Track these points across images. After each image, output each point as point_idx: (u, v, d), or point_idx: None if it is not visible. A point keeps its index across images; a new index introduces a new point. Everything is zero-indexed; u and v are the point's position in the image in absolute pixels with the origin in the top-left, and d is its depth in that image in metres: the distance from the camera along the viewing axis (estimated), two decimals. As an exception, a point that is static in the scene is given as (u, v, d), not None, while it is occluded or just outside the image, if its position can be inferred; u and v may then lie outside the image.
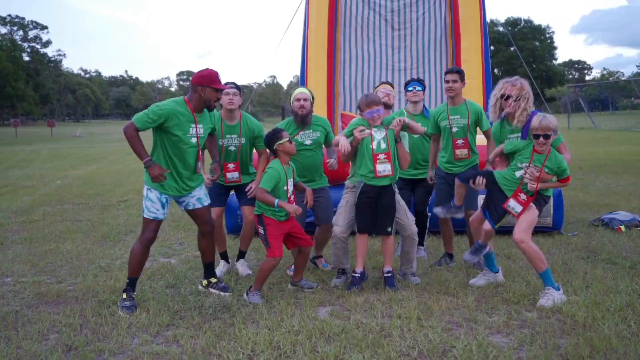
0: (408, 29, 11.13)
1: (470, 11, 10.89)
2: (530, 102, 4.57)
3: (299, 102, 5.37)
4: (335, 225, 5.06)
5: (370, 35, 11.09)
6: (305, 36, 10.78)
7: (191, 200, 4.67)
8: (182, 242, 6.88)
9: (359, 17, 11.02)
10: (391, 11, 11.11)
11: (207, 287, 4.83)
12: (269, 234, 4.64)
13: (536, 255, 4.40)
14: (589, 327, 3.86)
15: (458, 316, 4.16)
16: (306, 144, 5.40)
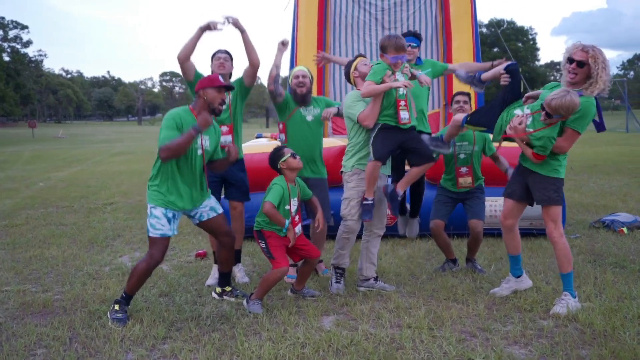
0: (399, 28, 10.97)
1: (461, 10, 10.75)
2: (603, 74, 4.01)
3: (298, 80, 5.17)
4: (348, 220, 4.72)
5: (361, 34, 10.91)
6: (294, 35, 10.57)
7: (204, 211, 4.39)
8: (173, 246, 6.61)
9: (348, 16, 10.84)
10: (381, 10, 10.94)
11: (221, 295, 4.63)
12: (271, 245, 4.43)
13: (566, 254, 4.22)
14: (609, 337, 3.67)
15: (470, 325, 3.95)
16: (308, 119, 5.20)
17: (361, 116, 4.52)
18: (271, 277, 4.38)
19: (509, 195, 4.48)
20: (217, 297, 4.63)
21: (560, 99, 3.92)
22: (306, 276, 4.71)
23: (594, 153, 18.89)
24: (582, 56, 3.99)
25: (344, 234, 4.77)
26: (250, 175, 6.73)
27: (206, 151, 4.29)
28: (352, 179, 4.69)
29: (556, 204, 4.23)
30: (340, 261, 4.85)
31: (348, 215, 4.72)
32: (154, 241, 4.20)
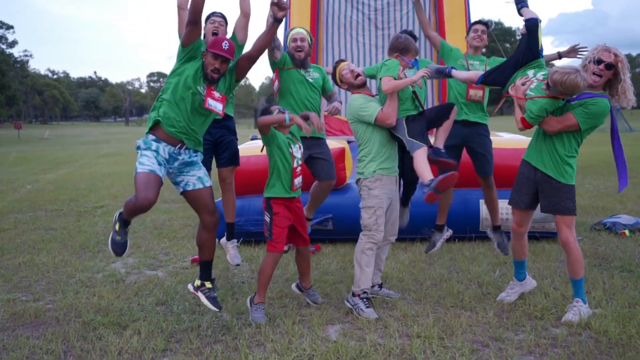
0: (392, 29, 10.88)
1: (455, 10, 10.67)
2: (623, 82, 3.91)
3: (296, 43, 5.01)
4: (373, 230, 4.31)
5: (354, 35, 10.81)
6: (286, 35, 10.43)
7: (190, 179, 4.10)
8: (168, 252, 6.43)
9: (341, 16, 10.73)
10: (374, 10, 10.84)
11: (197, 289, 4.14)
12: (275, 224, 4.25)
13: (580, 259, 4.10)
14: (626, 346, 3.56)
15: (481, 334, 3.82)
16: (308, 79, 5.05)
17: (382, 116, 4.26)
18: (266, 265, 4.25)
19: (518, 204, 4.32)
20: (192, 290, 4.16)
21: (563, 74, 3.75)
22: (307, 270, 4.56)
23: (587, 154, 18.88)
24: (611, 58, 3.86)
25: (367, 249, 4.34)
26: (246, 177, 6.59)
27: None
28: (376, 186, 4.32)
29: (572, 214, 4.10)
30: (366, 284, 4.34)
31: (373, 225, 4.31)
32: (140, 179, 3.83)
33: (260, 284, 4.24)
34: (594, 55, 3.90)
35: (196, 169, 4.15)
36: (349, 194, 6.64)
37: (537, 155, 4.15)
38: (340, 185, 6.60)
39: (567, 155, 4.02)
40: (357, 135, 4.44)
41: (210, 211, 4.12)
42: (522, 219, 4.37)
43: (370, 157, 4.35)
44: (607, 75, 3.88)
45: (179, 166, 4.07)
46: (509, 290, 4.54)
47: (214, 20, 5.02)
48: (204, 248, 4.19)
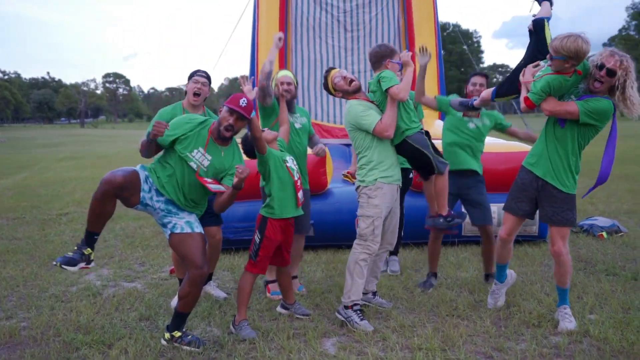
0: (361, 31, 10.84)
1: (424, 13, 10.72)
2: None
3: (283, 86, 4.82)
4: (369, 240, 4.18)
5: (323, 37, 10.71)
6: (254, 37, 10.26)
7: (179, 222, 3.81)
8: (143, 262, 6.17)
9: (310, 18, 10.62)
10: (343, 12, 10.77)
11: (169, 341, 3.79)
12: (264, 246, 4.09)
13: (569, 270, 4.05)
14: (628, 353, 3.53)
15: (483, 345, 3.75)
16: (296, 126, 4.87)
17: (381, 127, 4.12)
18: (244, 283, 4.11)
19: (515, 211, 4.21)
20: (166, 344, 3.81)
21: (562, 39, 3.62)
22: (289, 286, 4.42)
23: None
24: (614, 64, 3.68)
25: (361, 260, 4.19)
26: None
27: (202, 169, 3.80)
28: (376, 195, 4.17)
29: (570, 226, 4.06)
30: (357, 295, 4.19)
31: (370, 235, 4.18)
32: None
33: (240, 303, 4.09)
34: (598, 60, 3.75)
35: (186, 213, 3.90)
36: (330, 200, 6.52)
37: (538, 162, 4.05)
38: (321, 191, 6.47)
39: (573, 162, 3.93)
40: (356, 143, 4.29)
41: (196, 264, 3.68)
42: (514, 227, 4.27)
43: (371, 165, 4.21)
44: (608, 81, 3.73)
45: (167, 205, 3.84)
46: (494, 295, 4.48)
47: (197, 80, 4.74)
48: (184, 300, 3.77)
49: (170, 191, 3.81)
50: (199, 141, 3.83)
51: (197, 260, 3.69)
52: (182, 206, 3.86)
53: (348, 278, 4.23)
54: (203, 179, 3.78)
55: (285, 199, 4.12)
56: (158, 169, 3.85)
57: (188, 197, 3.86)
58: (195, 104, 4.72)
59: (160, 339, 3.88)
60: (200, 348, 3.73)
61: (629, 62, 3.71)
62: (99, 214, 3.68)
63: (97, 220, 3.72)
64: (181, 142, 3.80)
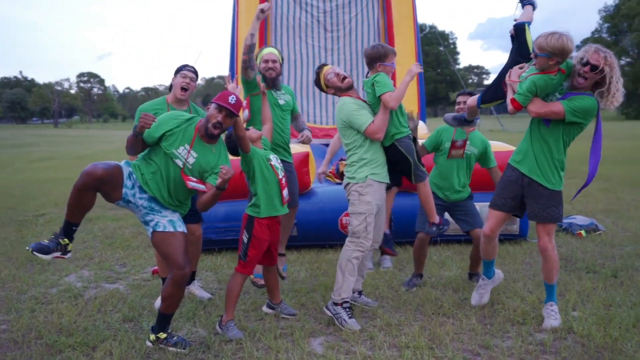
0: (341, 31, 10.88)
1: (403, 13, 10.78)
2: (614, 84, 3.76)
3: (267, 64, 4.80)
4: (362, 237, 4.17)
5: (303, 37, 10.72)
6: (234, 35, 10.21)
7: (162, 220, 3.74)
8: (124, 263, 6.09)
9: (290, 18, 10.62)
10: (323, 12, 10.80)
11: (155, 343, 3.76)
12: (253, 246, 4.05)
13: (556, 266, 4.10)
14: (612, 349, 3.58)
15: (469, 342, 3.77)
16: (280, 103, 4.86)
17: (373, 129, 4.13)
18: (233, 284, 4.05)
19: (500, 207, 4.24)
20: (151, 346, 3.76)
21: (546, 36, 3.67)
22: (275, 285, 4.40)
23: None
24: (598, 60, 3.71)
25: (354, 258, 4.19)
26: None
27: (187, 167, 3.75)
28: (367, 191, 4.17)
29: (557, 222, 4.11)
30: (347, 293, 4.20)
31: (363, 232, 4.16)
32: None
33: (229, 303, 4.04)
34: (582, 56, 3.77)
35: (169, 212, 3.84)
36: (313, 200, 6.51)
37: (524, 160, 4.09)
38: (304, 191, 6.46)
39: (557, 159, 3.98)
40: (347, 140, 4.28)
41: (178, 265, 3.61)
42: (497, 224, 4.29)
43: (362, 162, 4.20)
44: (592, 77, 3.76)
45: (150, 203, 3.78)
46: (480, 290, 4.49)
47: (186, 75, 4.67)
48: (167, 301, 3.72)
49: (154, 188, 3.75)
50: (185, 138, 3.78)
51: (179, 260, 3.63)
52: (166, 204, 3.81)
53: (339, 275, 4.21)
54: (187, 177, 3.74)
55: (271, 198, 4.10)
56: (142, 165, 3.79)
57: (173, 195, 3.81)
58: (182, 98, 4.66)
59: (145, 340, 3.83)
60: (186, 349, 3.69)
61: (613, 58, 3.75)
62: (78, 205, 3.61)
63: (75, 211, 3.65)
64: (167, 139, 3.75)
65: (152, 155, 3.81)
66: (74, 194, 3.55)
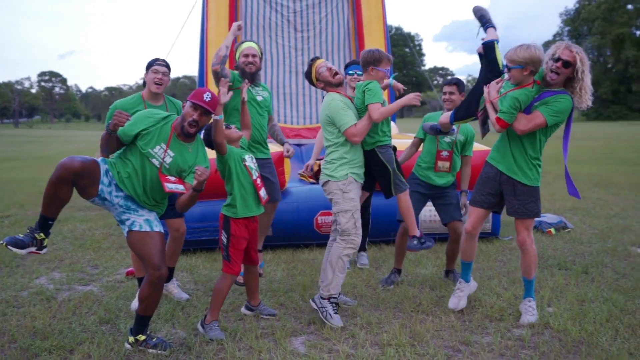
0: (311, 31, 10.86)
1: (373, 14, 10.83)
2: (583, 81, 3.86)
3: (247, 59, 4.76)
4: (352, 235, 4.19)
5: (273, 36, 10.67)
6: (203, 35, 10.11)
7: (138, 219, 3.67)
8: (96, 264, 5.97)
9: (260, 17, 10.57)
10: (294, 12, 10.77)
11: (134, 344, 3.70)
12: (233, 245, 4.01)
13: (535, 261, 4.17)
14: (588, 343, 3.67)
15: (449, 339, 3.81)
16: (257, 99, 4.82)
17: (354, 131, 4.14)
18: (222, 285, 4.00)
19: (480, 204, 4.29)
20: (130, 349, 3.69)
21: (515, 50, 3.78)
22: (255, 287, 4.36)
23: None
24: (570, 56, 3.82)
25: (345, 255, 4.20)
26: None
27: (164, 167, 3.69)
28: (350, 189, 4.20)
29: (536, 217, 4.19)
30: (336, 290, 4.22)
31: (353, 229, 4.18)
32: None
33: (215, 304, 3.99)
34: (554, 52, 3.85)
35: (146, 211, 3.77)
36: (289, 199, 6.49)
37: (502, 158, 4.15)
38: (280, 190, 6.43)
39: (534, 157, 4.05)
40: (330, 136, 4.27)
41: (154, 265, 3.55)
42: (479, 220, 4.35)
43: (343, 161, 4.21)
44: (565, 73, 3.85)
45: (126, 202, 3.71)
46: (458, 293, 4.47)
47: (157, 70, 4.57)
48: (144, 303, 3.65)
49: (130, 187, 3.68)
50: (162, 137, 3.71)
51: (155, 260, 3.57)
52: (142, 204, 3.74)
53: (329, 272, 4.22)
54: (165, 177, 3.68)
55: (246, 198, 4.07)
56: (119, 164, 3.71)
57: (149, 194, 3.74)
58: (156, 92, 4.60)
59: (123, 342, 3.76)
60: (167, 351, 3.64)
61: (583, 54, 3.85)
62: (53, 199, 3.49)
63: (51, 205, 3.53)
64: (143, 138, 3.67)
65: (128, 154, 3.74)
66: (50, 187, 3.45)
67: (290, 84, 10.28)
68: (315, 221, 6.43)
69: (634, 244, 6.47)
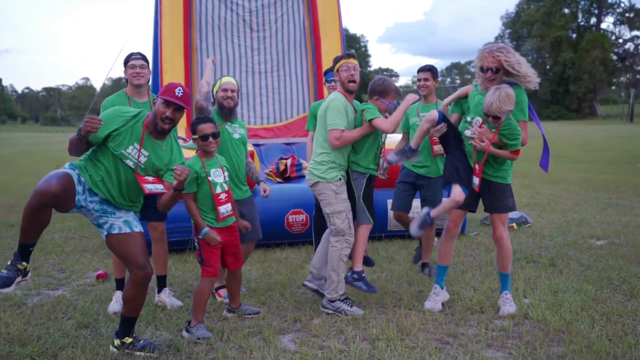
0: (267, 31, 10.82)
1: (328, 14, 10.87)
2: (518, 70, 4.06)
3: (226, 93, 4.68)
4: (347, 235, 4.29)
5: (229, 36, 10.58)
6: (157, 34, 9.92)
7: (117, 222, 3.55)
8: (61, 268, 5.78)
9: (215, 17, 10.46)
10: (249, 11, 10.71)
11: (121, 347, 3.60)
12: (204, 248, 3.95)
13: (510, 255, 4.32)
14: (569, 332, 3.81)
15: (436, 332, 3.89)
16: (235, 137, 4.77)
17: (337, 134, 4.23)
18: (203, 289, 3.95)
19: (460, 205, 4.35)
20: (116, 352, 3.59)
21: (497, 100, 3.90)
22: (237, 290, 4.32)
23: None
24: (493, 62, 4.03)
25: (344, 256, 4.31)
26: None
27: (139, 167, 3.57)
28: (342, 190, 4.32)
29: (512, 210, 4.34)
30: (343, 289, 4.33)
31: (347, 229, 4.28)
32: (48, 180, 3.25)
33: (197, 309, 3.93)
34: (480, 65, 4.07)
35: (123, 212, 3.65)
36: (257, 199, 6.43)
37: None
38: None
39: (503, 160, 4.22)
40: (320, 137, 4.33)
41: (139, 264, 3.48)
42: (459, 220, 4.46)
43: (332, 165, 4.31)
44: (499, 76, 4.07)
45: (102, 205, 3.58)
46: (434, 297, 4.45)
47: (134, 65, 4.47)
48: (130, 304, 3.57)
49: (105, 191, 3.55)
50: (134, 136, 3.56)
51: (140, 259, 3.49)
52: (119, 205, 3.62)
53: (333, 275, 4.29)
54: (142, 177, 3.58)
55: (206, 212, 3.98)
56: (89, 166, 3.55)
57: (125, 195, 3.61)
58: (139, 84, 4.50)
59: (108, 346, 3.67)
60: (155, 353, 3.57)
61: (504, 49, 4.05)
62: (33, 225, 3.32)
63: (31, 232, 3.35)
64: (114, 139, 3.52)
65: (99, 156, 3.57)
66: (29, 216, 3.26)
67: (247, 84, 10.21)
68: (286, 220, 6.43)
69: (592, 236, 6.75)
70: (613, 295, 4.55)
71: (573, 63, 55.03)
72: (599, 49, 54.09)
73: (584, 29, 61.02)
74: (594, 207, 8.79)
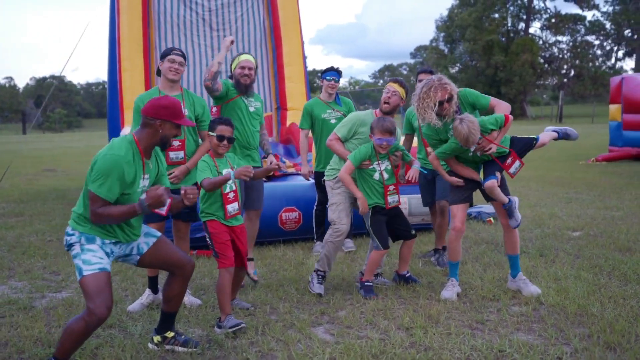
0: (227, 30, 10.81)
1: (289, 15, 10.97)
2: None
3: (243, 71, 4.87)
4: (337, 224, 4.81)
5: (188, 35, 10.51)
6: (115, 32, 9.70)
7: (140, 240, 3.50)
8: (54, 270, 5.59)
9: (174, 15, 10.36)
10: (209, 11, 10.67)
11: (161, 344, 3.62)
12: (215, 240, 4.02)
13: (518, 237, 4.77)
14: (587, 315, 4.04)
15: (463, 318, 4.06)
16: (250, 110, 4.91)
17: (334, 138, 5.01)
18: (223, 281, 3.98)
19: (464, 201, 4.65)
20: (156, 349, 3.60)
21: (469, 134, 4.24)
22: (237, 285, 4.37)
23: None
24: (446, 93, 4.34)
25: (333, 238, 4.78)
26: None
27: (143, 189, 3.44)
28: (340, 185, 4.89)
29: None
30: (326, 266, 4.81)
31: (337, 219, 4.84)
32: (91, 283, 3.13)
33: (223, 301, 3.97)
34: (435, 101, 4.31)
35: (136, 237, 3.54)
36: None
37: None
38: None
39: None
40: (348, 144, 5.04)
41: (182, 261, 3.52)
42: (464, 215, 4.71)
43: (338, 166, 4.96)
44: (455, 104, 4.45)
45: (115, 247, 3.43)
46: (450, 287, 4.62)
47: (174, 60, 4.42)
48: (172, 301, 3.59)
49: (120, 233, 3.39)
50: (139, 169, 3.37)
51: (181, 256, 3.55)
52: (126, 240, 3.44)
53: (322, 252, 4.83)
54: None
55: (214, 210, 4.06)
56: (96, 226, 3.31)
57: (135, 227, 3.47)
58: (174, 79, 4.47)
59: (144, 344, 3.63)
60: (197, 348, 3.57)
61: (441, 78, 4.43)
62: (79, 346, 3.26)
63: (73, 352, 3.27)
64: (130, 187, 3.33)
65: None
66: (81, 340, 3.19)
67: (207, 83, 10.16)
68: (279, 218, 6.47)
69: (568, 228, 7.12)
70: (610, 281, 4.85)
71: (504, 66, 57.16)
72: (528, 52, 56.44)
73: (513, 33, 63.50)
74: (557, 202, 9.23)
